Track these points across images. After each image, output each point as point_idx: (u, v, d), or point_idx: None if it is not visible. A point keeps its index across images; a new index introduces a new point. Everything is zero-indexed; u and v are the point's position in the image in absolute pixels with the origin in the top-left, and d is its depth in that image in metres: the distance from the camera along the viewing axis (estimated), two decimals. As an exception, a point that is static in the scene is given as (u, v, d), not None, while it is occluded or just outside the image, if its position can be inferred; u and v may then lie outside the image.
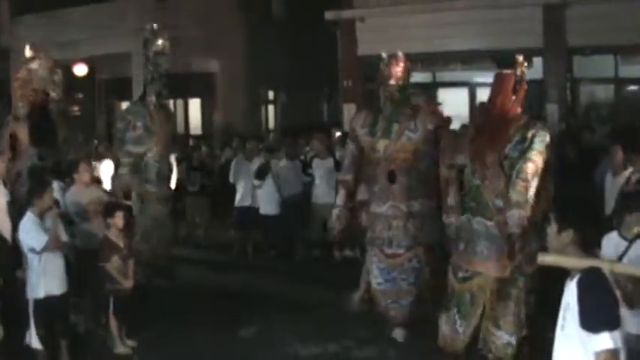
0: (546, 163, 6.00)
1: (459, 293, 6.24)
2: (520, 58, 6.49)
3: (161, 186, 9.47)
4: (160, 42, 9.46)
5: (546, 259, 3.39)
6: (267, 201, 10.93)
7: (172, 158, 10.07)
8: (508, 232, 5.90)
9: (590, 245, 3.38)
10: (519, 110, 6.34)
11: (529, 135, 6.00)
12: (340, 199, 7.53)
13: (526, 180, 5.89)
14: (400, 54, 7.31)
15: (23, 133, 8.59)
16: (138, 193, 9.31)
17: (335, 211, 7.55)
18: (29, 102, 8.76)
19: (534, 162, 5.93)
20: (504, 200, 5.95)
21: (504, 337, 6.11)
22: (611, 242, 4.93)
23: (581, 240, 3.36)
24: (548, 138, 6.04)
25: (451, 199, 6.44)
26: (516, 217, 5.81)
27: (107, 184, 9.88)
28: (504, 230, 5.96)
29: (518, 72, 6.40)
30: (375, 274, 7.16)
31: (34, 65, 8.92)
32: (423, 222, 7.09)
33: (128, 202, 9.15)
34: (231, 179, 11.25)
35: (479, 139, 6.38)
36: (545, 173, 6.03)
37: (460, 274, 6.24)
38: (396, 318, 7.13)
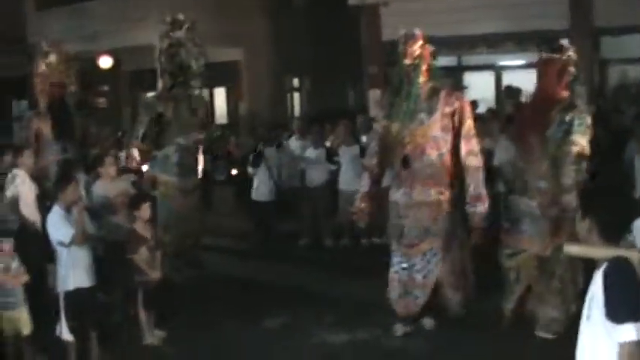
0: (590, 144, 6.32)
1: (505, 270, 6.73)
2: (565, 42, 6.80)
3: (183, 177, 9.36)
4: (178, 33, 9.36)
5: (572, 249, 3.35)
6: (260, 188, 10.99)
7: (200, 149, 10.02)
8: (556, 214, 6.18)
9: (612, 233, 3.31)
10: (564, 94, 6.52)
11: (567, 118, 6.29)
12: (364, 184, 7.20)
13: (574, 163, 6.23)
14: (417, 32, 6.85)
15: (46, 128, 8.68)
16: (161, 184, 9.31)
17: (357, 196, 7.25)
18: (48, 96, 8.84)
19: (578, 144, 6.24)
20: (548, 182, 6.34)
21: (550, 314, 6.42)
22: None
23: (601, 228, 3.31)
24: (588, 120, 6.36)
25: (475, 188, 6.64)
26: (568, 201, 6.06)
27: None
28: (546, 211, 6.35)
29: (565, 56, 6.60)
30: (393, 262, 6.94)
31: (50, 59, 9.00)
32: (438, 212, 6.75)
33: (155, 194, 9.18)
34: (250, 170, 11.26)
35: (523, 121, 7.02)
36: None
37: (507, 251, 6.70)
38: (406, 308, 6.88)
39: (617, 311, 3.13)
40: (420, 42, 6.75)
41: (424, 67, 6.75)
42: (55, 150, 8.56)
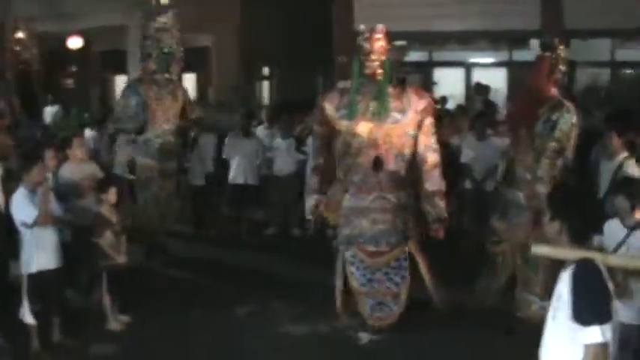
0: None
1: (492, 255, 7.10)
2: (556, 41, 7.10)
3: (164, 162, 9.36)
4: (163, 18, 9.30)
5: (540, 249, 3.40)
6: (194, 171, 11.00)
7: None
8: (537, 205, 6.44)
9: (580, 235, 3.36)
10: (554, 91, 6.89)
11: (554, 117, 6.67)
12: (314, 186, 6.88)
13: (550, 157, 6.64)
14: (381, 27, 6.58)
15: (16, 104, 8.61)
16: (141, 168, 9.25)
17: (310, 201, 6.90)
18: (16, 73, 8.79)
19: (559, 141, 6.63)
20: (531, 174, 6.72)
21: (537, 302, 6.67)
22: (612, 229, 4.95)
23: (569, 230, 3.36)
24: (574, 119, 6.73)
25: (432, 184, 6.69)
26: (540, 190, 6.48)
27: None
28: (530, 202, 6.70)
29: (555, 54, 6.94)
30: (356, 276, 6.58)
31: (18, 36, 8.94)
32: (409, 214, 6.62)
33: (131, 176, 9.12)
34: (224, 155, 11.21)
35: (514, 114, 7.45)
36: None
37: (494, 238, 7.10)
38: (382, 320, 6.65)
39: (584, 313, 3.18)
40: (384, 37, 6.54)
41: (388, 64, 6.54)
42: (24, 126, 8.47)
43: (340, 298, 6.73)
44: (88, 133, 12.24)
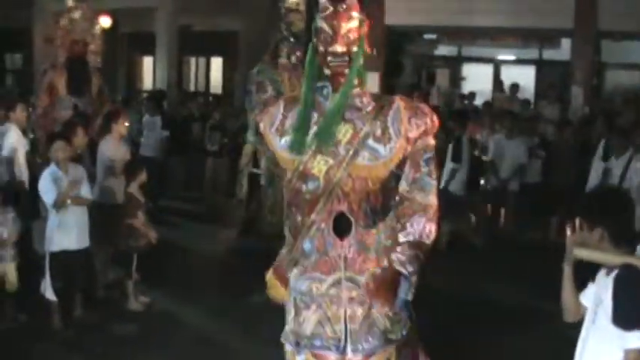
0: None
1: None
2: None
3: None
4: None
5: (581, 253, 3.36)
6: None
7: None
8: None
9: (623, 240, 3.33)
10: None
11: None
12: None
13: None
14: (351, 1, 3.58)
15: (61, 83, 8.63)
16: (269, 161, 8.90)
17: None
18: (69, 52, 8.78)
19: None
20: None
21: None
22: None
23: (612, 236, 3.32)
24: None
25: None
26: None
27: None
28: None
29: None
30: None
31: (75, 15, 8.90)
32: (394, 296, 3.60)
33: (257, 170, 8.88)
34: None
35: None
36: None
37: None
38: None
39: (625, 318, 3.16)
40: (357, 16, 3.55)
41: (361, 60, 3.56)
42: (66, 106, 8.50)
43: None
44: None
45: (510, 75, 15.52)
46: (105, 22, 19.62)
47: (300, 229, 3.63)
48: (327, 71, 3.53)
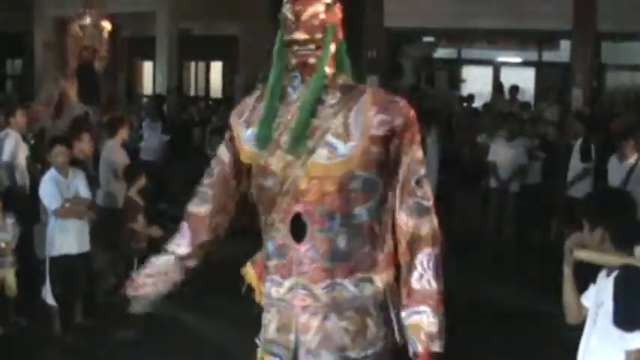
0: None
1: None
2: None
3: None
4: None
5: (582, 254, 3.35)
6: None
7: None
8: None
9: (624, 241, 3.33)
10: None
11: None
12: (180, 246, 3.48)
13: None
14: None
15: (72, 91, 8.55)
16: None
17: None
18: (78, 59, 8.71)
19: None
20: None
21: None
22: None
23: (613, 237, 3.31)
24: None
25: None
26: None
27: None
28: None
29: None
30: None
31: (85, 21, 8.83)
32: (365, 319, 3.15)
33: None
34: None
35: None
36: None
37: None
38: None
39: (627, 319, 3.15)
40: (323, 0, 3.26)
41: (332, 48, 3.28)
42: (77, 114, 8.45)
43: None
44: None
45: (510, 77, 15.51)
46: (105, 27, 19.72)
47: (263, 228, 3.33)
48: (293, 60, 3.19)
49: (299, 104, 3.17)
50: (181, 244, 3.47)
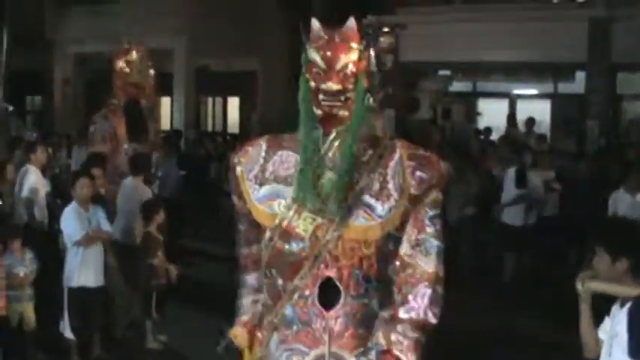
0: None
1: None
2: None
3: None
4: (383, 39, 8.85)
5: (593, 285, 3.34)
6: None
7: None
8: None
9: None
10: None
11: None
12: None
13: None
14: (351, 21, 3.22)
15: (121, 128, 8.41)
16: None
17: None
18: (125, 95, 8.53)
19: None
20: None
21: None
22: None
23: (635, 267, 3.30)
24: None
25: None
26: None
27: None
28: None
29: None
30: None
31: (132, 57, 8.65)
32: None
33: None
34: None
35: None
36: None
37: None
38: None
39: None
40: (356, 47, 3.05)
41: (361, 104, 3.00)
42: (126, 151, 8.35)
43: None
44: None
45: (526, 109, 15.50)
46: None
47: (280, 294, 3.07)
48: (317, 111, 2.95)
49: (331, 165, 2.98)
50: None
